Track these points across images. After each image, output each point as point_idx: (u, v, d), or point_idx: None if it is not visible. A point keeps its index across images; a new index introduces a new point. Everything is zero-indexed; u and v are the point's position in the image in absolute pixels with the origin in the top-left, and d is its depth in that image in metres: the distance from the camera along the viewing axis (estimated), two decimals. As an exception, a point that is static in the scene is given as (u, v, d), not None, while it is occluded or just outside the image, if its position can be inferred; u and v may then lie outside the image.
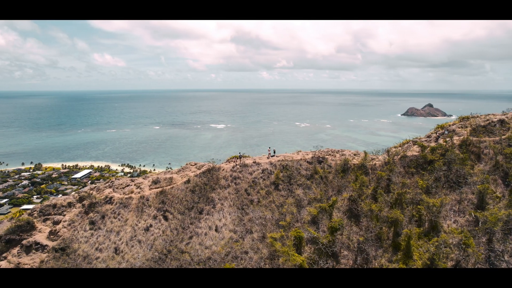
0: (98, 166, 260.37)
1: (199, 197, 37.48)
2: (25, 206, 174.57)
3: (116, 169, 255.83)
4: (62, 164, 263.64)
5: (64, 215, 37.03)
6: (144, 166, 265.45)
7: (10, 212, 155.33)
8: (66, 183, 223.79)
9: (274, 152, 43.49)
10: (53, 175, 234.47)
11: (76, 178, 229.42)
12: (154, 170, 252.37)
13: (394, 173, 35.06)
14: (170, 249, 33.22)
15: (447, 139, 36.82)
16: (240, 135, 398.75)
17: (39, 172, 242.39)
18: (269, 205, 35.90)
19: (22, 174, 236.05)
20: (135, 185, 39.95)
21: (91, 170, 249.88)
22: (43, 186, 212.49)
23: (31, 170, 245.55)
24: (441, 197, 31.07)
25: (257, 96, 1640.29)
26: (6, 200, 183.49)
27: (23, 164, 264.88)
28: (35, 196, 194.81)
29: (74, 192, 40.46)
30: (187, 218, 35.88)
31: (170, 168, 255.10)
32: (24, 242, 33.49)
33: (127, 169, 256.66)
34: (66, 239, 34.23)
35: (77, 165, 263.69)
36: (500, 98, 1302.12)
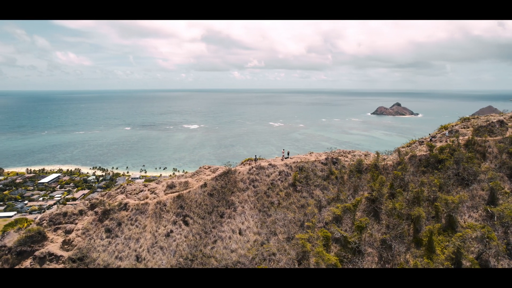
0: (68, 170, 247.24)
1: (218, 200, 37.14)
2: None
3: (87, 173, 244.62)
4: (27, 169, 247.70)
5: (76, 224, 35.12)
6: (117, 168, 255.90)
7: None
8: (32, 188, 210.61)
9: (288, 154, 44.07)
10: (17, 180, 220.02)
11: (43, 182, 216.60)
12: (128, 172, 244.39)
13: (408, 172, 36.94)
14: (195, 254, 32.68)
15: (453, 138, 39.40)
16: (214, 135, 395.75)
17: (1, 177, 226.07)
18: (289, 207, 36.39)
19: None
20: (148, 190, 38.73)
21: (59, 174, 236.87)
22: (6, 192, 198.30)
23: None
24: (455, 194, 33.29)
25: (229, 96, 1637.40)
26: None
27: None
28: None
29: (84, 199, 38.46)
30: (209, 222, 35.46)
31: (145, 170, 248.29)
32: (37, 253, 31.39)
33: (98, 172, 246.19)
34: (83, 249, 32.53)
35: (43, 169, 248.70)
36: (461, 97, 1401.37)
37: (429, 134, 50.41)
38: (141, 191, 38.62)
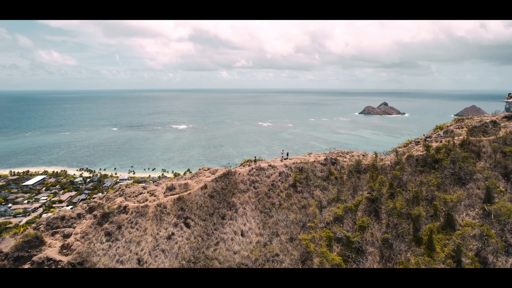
0: (53, 172, 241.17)
1: (219, 202, 36.99)
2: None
3: (74, 174, 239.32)
4: (10, 171, 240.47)
5: (74, 228, 34.36)
6: (104, 170, 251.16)
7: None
8: (16, 190, 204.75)
9: (287, 154, 44.26)
10: (0, 183, 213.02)
11: (28, 185, 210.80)
12: (116, 174, 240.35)
13: (406, 172, 37.68)
14: (198, 256, 32.46)
15: (449, 139, 40.39)
16: (203, 135, 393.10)
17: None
18: (291, 207, 36.56)
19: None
20: (148, 192, 38.24)
21: (45, 176, 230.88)
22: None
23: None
24: (452, 193, 34.16)
25: (218, 96, 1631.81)
26: None
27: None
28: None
29: (82, 203, 37.69)
30: (210, 224, 35.27)
31: (133, 171, 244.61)
32: (34, 258, 30.57)
33: (85, 174, 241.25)
34: (82, 253, 31.85)
35: (28, 171, 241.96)
36: (445, 97, 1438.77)
37: (424, 135, 51.40)
38: (140, 193, 38.11)
